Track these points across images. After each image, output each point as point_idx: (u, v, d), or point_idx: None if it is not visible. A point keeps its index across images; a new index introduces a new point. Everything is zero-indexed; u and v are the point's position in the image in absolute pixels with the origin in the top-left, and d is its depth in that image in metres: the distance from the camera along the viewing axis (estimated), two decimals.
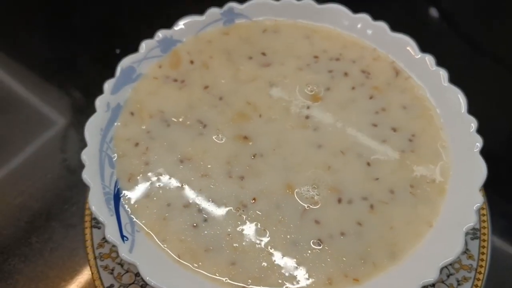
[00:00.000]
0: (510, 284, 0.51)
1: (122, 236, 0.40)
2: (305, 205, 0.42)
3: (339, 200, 0.43)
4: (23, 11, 0.77)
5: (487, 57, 0.74)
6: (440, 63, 0.50)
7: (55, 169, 0.58)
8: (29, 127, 0.63)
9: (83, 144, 0.45)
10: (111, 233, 0.39)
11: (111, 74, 0.49)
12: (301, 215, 0.42)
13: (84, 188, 0.54)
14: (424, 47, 0.51)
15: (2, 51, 0.73)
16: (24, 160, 0.60)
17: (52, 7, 0.79)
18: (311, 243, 0.40)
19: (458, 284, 0.47)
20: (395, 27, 0.53)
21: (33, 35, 0.76)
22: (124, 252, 0.38)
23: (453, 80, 0.48)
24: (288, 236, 0.41)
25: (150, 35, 0.52)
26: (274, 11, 0.55)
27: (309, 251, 0.40)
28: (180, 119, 0.48)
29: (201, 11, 0.54)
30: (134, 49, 0.51)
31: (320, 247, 0.40)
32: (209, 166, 0.45)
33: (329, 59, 0.52)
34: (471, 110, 0.46)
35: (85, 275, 0.51)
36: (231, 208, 0.42)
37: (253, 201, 0.43)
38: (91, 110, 0.46)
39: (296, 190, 0.43)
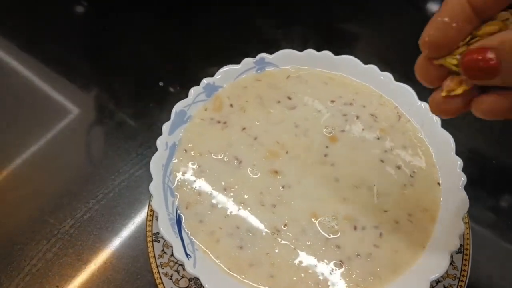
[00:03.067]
0: None
1: (186, 254, 0.51)
2: (327, 235, 0.53)
3: (355, 228, 0.53)
4: (72, 39, 0.88)
5: None
6: None
7: (115, 188, 0.70)
8: (88, 149, 0.74)
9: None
10: (178, 252, 0.50)
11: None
12: (324, 242, 0.52)
13: (139, 206, 0.67)
14: None
15: (48, 65, 0.83)
16: (90, 179, 0.71)
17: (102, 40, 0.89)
18: (333, 264, 0.51)
19: None
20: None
21: (78, 58, 0.87)
22: (189, 267, 0.49)
23: None
24: (315, 258, 0.52)
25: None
26: (298, 61, 0.65)
27: (332, 270, 0.51)
28: (220, 156, 0.58)
29: (237, 61, 0.64)
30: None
31: (342, 269, 0.51)
32: (246, 196, 0.55)
33: (343, 104, 0.63)
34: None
35: (146, 279, 0.62)
36: (269, 232, 0.53)
37: (285, 226, 0.54)
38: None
39: (320, 219, 0.54)
